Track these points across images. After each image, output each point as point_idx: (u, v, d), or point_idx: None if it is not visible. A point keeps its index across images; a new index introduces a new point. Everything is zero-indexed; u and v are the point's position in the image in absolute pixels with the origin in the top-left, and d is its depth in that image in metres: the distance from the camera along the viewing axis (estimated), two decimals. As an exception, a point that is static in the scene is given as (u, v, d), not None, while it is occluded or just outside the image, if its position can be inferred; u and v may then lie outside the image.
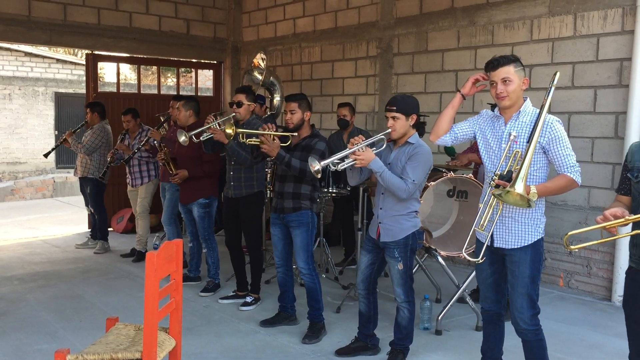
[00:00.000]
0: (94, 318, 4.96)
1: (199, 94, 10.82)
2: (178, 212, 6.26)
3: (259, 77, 7.38)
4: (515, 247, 3.26)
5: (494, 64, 3.24)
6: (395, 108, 3.81)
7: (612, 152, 5.61)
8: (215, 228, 6.14)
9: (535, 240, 3.26)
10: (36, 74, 15.90)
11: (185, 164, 5.72)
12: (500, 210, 3.23)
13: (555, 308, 5.43)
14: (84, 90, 11.71)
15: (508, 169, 3.11)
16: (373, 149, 3.83)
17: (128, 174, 7.14)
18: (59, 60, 16.41)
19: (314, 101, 8.33)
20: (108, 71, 19.76)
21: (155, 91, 10.75)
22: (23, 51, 15.40)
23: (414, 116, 3.86)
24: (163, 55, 9.51)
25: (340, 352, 4.28)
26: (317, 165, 3.68)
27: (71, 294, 5.69)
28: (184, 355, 3.67)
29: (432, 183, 4.76)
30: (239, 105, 5.06)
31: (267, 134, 4.46)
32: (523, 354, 3.39)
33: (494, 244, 3.32)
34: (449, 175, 4.83)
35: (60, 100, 16.27)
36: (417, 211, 3.99)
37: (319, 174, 3.72)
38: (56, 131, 15.97)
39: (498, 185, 3.04)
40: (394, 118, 3.82)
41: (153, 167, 7.08)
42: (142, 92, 10.09)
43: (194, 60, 10.09)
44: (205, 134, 5.00)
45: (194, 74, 10.65)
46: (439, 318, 4.74)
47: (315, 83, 8.64)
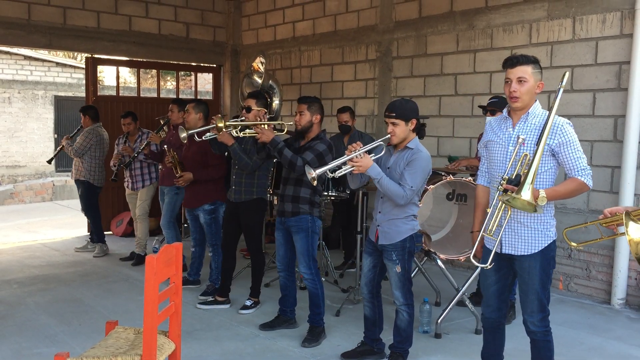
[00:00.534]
0: (93, 321, 4.96)
1: (199, 97, 10.82)
2: (177, 216, 6.24)
3: (259, 81, 7.39)
4: (524, 254, 3.22)
5: (512, 61, 3.20)
6: (394, 114, 3.81)
7: (611, 156, 5.61)
8: None
9: (545, 246, 3.22)
10: (36, 78, 15.87)
11: (190, 168, 5.72)
12: (509, 215, 3.17)
13: (555, 311, 5.38)
14: (83, 94, 11.72)
15: (516, 172, 3.06)
16: (371, 155, 3.83)
17: (128, 177, 7.14)
18: (58, 64, 16.38)
19: (313, 104, 8.33)
20: (108, 75, 19.77)
21: (155, 95, 10.77)
22: (22, 55, 15.37)
23: (414, 121, 3.86)
24: (163, 59, 9.53)
25: (346, 356, 4.27)
26: (313, 173, 3.68)
27: (71, 297, 5.69)
28: (184, 358, 3.66)
29: (432, 186, 4.76)
30: (248, 110, 5.07)
31: (259, 124, 4.58)
32: (523, 357, 3.40)
33: (502, 250, 3.27)
34: (448, 179, 4.83)
35: (60, 103, 16.25)
36: (416, 215, 3.99)
37: (315, 181, 3.73)
38: (56, 135, 15.94)
39: (506, 190, 2.99)
40: (393, 124, 3.82)
41: (154, 170, 7.11)
42: (142, 96, 10.11)
43: (194, 63, 10.09)
44: (208, 134, 5.03)
45: (193, 78, 10.66)
46: (439, 321, 4.73)
47: (314, 86, 8.64)
